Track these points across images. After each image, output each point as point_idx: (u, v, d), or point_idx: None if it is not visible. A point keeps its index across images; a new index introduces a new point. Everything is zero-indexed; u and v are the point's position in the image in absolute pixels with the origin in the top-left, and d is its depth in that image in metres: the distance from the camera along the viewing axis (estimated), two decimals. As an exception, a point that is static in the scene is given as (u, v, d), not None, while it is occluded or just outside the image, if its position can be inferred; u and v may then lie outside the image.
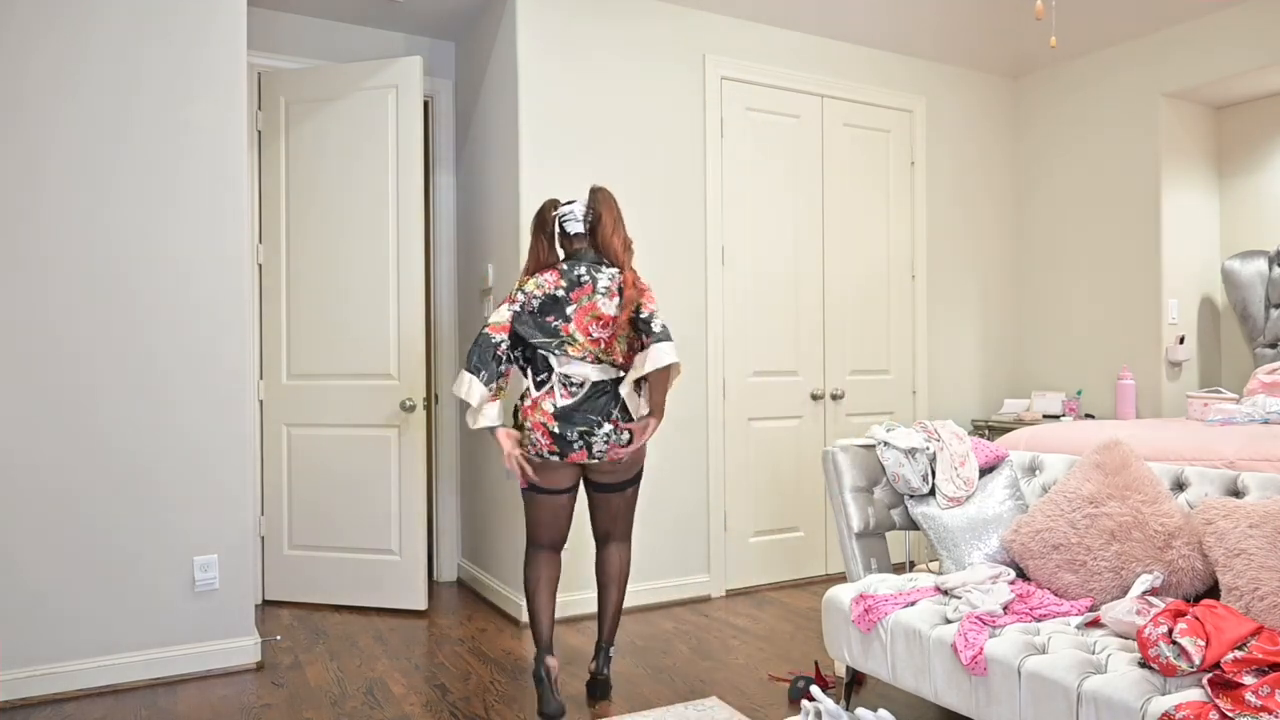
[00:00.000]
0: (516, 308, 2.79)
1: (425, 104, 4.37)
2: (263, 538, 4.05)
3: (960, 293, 4.94)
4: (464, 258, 4.40)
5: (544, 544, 2.86)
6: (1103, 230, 4.70)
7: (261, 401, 4.04)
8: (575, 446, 2.72)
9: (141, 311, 3.10)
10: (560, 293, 2.77)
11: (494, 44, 3.97)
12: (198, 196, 3.18)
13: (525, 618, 3.69)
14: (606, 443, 2.73)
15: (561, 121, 3.82)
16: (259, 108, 4.04)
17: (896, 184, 4.70)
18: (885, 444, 2.95)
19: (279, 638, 3.55)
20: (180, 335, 3.16)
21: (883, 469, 2.96)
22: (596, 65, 3.90)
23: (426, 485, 4.27)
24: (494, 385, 2.75)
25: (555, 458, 2.73)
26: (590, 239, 2.86)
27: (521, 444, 2.78)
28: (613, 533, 2.95)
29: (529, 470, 2.76)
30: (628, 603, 3.89)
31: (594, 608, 3.78)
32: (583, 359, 2.75)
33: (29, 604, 2.95)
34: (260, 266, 4.03)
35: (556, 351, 2.75)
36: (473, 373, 2.71)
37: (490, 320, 2.77)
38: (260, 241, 4.03)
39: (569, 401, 2.72)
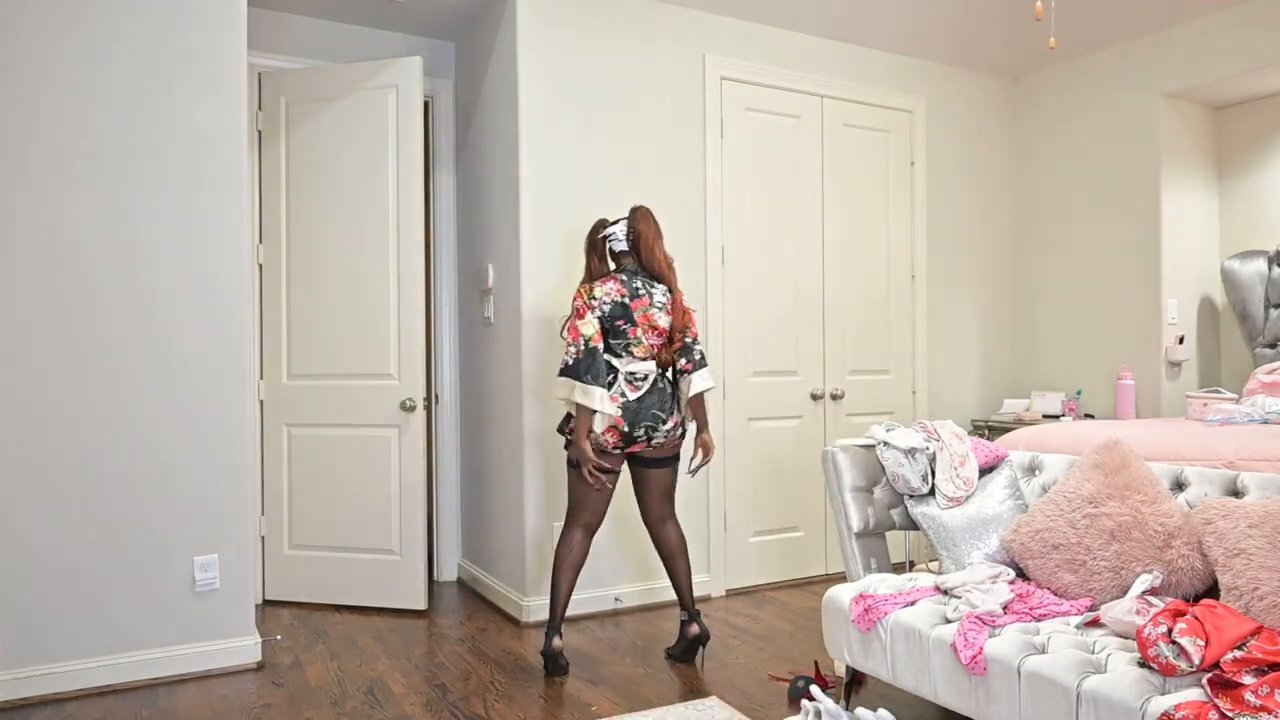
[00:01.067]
0: (597, 313, 3.09)
1: (425, 104, 4.37)
2: (263, 537, 4.05)
3: (960, 292, 4.94)
4: (464, 258, 4.40)
5: (581, 524, 3.17)
6: (1102, 230, 4.70)
7: (262, 401, 4.04)
8: (638, 439, 3.10)
9: (141, 311, 3.10)
10: (625, 300, 3.12)
11: (494, 44, 3.97)
12: (198, 196, 3.18)
13: (525, 617, 3.71)
14: (666, 436, 3.14)
15: (561, 121, 3.82)
16: (259, 108, 4.04)
17: (896, 184, 4.70)
18: (885, 444, 2.95)
19: (279, 637, 3.55)
20: (180, 335, 3.16)
21: (882, 469, 2.96)
22: (596, 65, 3.90)
23: (426, 485, 4.27)
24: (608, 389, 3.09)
25: (617, 451, 3.11)
26: (634, 255, 3.20)
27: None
28: (662, 510, 3.25)
29: (599, 475, 3.07)
30: (629, 601, 3.90)
31: (594, 608, 3.83)
32: (645, 359, 3.14)
33: (29, 604, 2.95)
34: (260, 266, 4.04)
35: (623, 353, 3.11)
36: (596, 384, 3.00)
37: (587, 333, 3.04)
38: (260, 241, 4.04)
39: (636, 395, 3.10)
